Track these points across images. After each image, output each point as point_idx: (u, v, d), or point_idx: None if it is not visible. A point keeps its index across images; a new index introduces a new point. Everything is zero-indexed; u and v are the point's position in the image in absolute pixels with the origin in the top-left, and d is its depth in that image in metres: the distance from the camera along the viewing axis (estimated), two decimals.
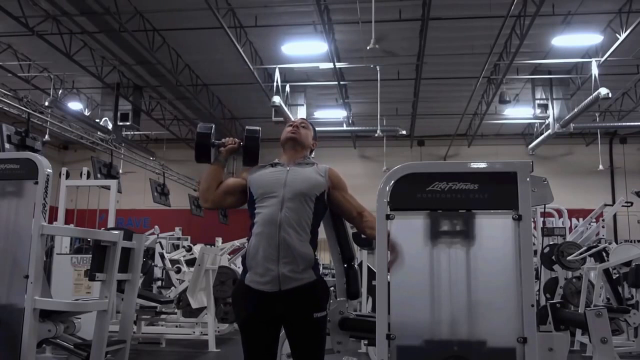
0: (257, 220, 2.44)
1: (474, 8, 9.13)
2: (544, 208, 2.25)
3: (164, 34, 10.24)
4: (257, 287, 2.38)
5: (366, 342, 4.42)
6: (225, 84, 12.60)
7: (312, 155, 2.75)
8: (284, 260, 2.36)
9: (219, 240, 9.80)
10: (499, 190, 2.00)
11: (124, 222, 13.05)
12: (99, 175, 7.35)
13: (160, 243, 8.26)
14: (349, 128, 14.40)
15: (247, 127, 2.70)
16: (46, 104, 11.47)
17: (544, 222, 8.21)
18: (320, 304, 2.46)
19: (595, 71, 10.50)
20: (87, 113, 13.30)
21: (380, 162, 14.75)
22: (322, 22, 9.02)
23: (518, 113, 14.28)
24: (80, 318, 3.29)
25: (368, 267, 5.83)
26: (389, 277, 1.97)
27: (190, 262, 7.64)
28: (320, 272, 2.60)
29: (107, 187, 6.92)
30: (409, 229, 2.02)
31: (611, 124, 14.37)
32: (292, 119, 2.76)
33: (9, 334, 2.76)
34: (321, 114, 14.18)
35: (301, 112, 12.42)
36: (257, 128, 2.67)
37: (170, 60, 10.89)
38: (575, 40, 10.43)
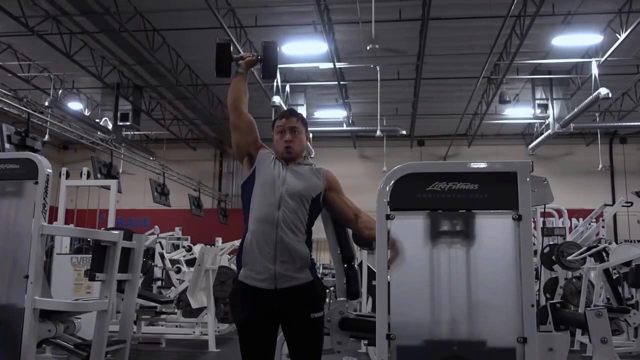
0: (252, 216, 2.43)
1: (474, 8, 9.13)
2: (544, 208, 2.25)
3: (164, 34, 10.24)
4: (253, 283, 2.37)
5: (366, 342, 4.42)
6: (225, 84, 12.36)
7: (312, 155, 2.75)
8: (281, 259, 2.36)
9: (219, 240, 9.81)
10: (499, 190, 2.00)
11: (124, 222, 13.05)
12: (99, 175, 7.36)
13: (160, 243, 8.25)
14: (349, 128, 14.40)
15: (264, 40, 2.71)
16: (46, 104, 11.48)
17: (544, 222, 8.21)
18: (318, 305, 2.46)
19: (595, 71, 10.50)
20: (87, 113, 13.30)
21: (380, 162, 14.74)
22: (322, 22, 9.02)
23: (518, 113, 14.29)
24: (80, 318, 3.29)
25: (368, 267, 5.82)
26: (389, 277, 1.97)
27: (190, 262, 7.64)
28: (318, 272, 2.59)
29: (107, 187, 6.92)
30: (409, 229, 2.02)
31: (611, 124, 14.37)
32: (280, 118, 2.69)
33: (9, 334, 2.76)
34: (321, 114, 14.18)
35: (301, 112, 12.41)
36: (274, 41, 2.67)
37: (170, 60, 10.89)
38: (575, 40, 10.43)
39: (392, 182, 2.02)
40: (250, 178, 2.52)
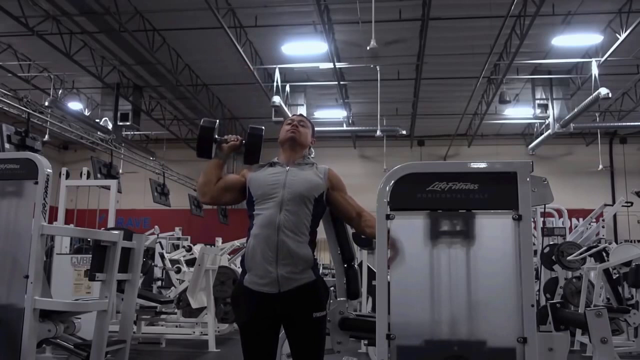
0: (255, 221, 2.43)
1: (474, 8, 9.13)
2: (544, 208, 2.25)
3: (164, 34, 10.24)
4: (257, 288, 2.38)
5: (366, 342, 4.41)
6: (225, 84, 12.60)
7: (312, 155, 2.75)
8: (282, 262, 2.35)
9: (219, 240, 9.80)
10: (499, 190, 2.00)
11: (124, 222, 13.04)
12: (99, 175, 7.35)
13: (160, 243, 8.25)
14: (349, 128, 14.40)
15: (250, 126, 2.67)
16: (46, 104, 11.48)
17: (544, 222, 8.21)
18: (320, 304, 2.46)
19: (595, 71, 10.50)
20: (87, 113, 13.30)
21: (380, 162, 14.75)
22: (322, 22, 9.02)
23: (518, 113, 14.29)
24: (80, 318, 3.29)
25: (368, 267, 5.83)
26: (389, 277, 1.97)
27: (190, 262, 7.64)
28: (320, 272, 2.59)
29: (107, 187, 6.92)
30: (409, 229, 2.01)
31: (611, 124, 14.37)
32: (290, 116, 2.73)
33: (9, 334, 2.76)
34: (321, 114, 14.19)
35: (301, 112, 12.43)
36: (261, 127, 2.65)
37: (170, 60, 10.89)
38: (575, 40, 10.43)
39: (392, 182, 2.02)
40: (249, 197, 2.52)
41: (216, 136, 2.61)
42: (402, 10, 9.26)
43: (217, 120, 2.66)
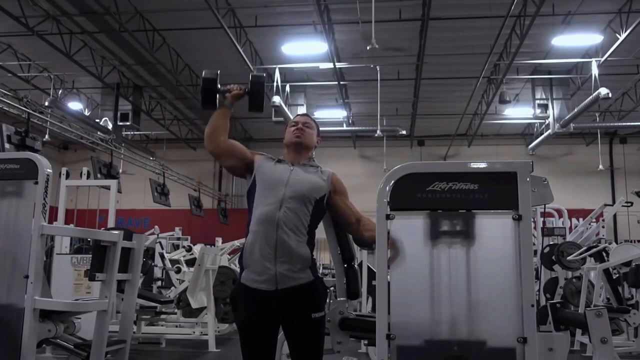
0: (254, 217, 2.43)
1: (474, 8, 9.13)
2: (544, 208, 2.24)
3: (164, 34, 10.24)
4: (254, 285, 2.37)
5: (366, 342, 4.41)
6: (226, 84, 12.57)
7: (313, 155, 2.75)
8: (281, 260, 2.35)
9: (219, 240, 9.80)
10: (499, 190, 1.99)
11: (124, 222, 13.04)
12: (98, 175, 7.36)
13: (160, 243, 8.25)
14: (349, 128, 14.40)
15: (252, 74, 2.71)
16: (46, 104, 11.48)
17: (544, 222, 8.20)
18: (319, 304, 2.46)
19: (595, 71, 10.51)
20: (87, 113, 13.30)
21: (380, 162, 14.74)
22: (322, 22, 9.02)
23: (518, 113, 14.29)
24: (80, 318, 3.29)
25: (368, 267, 5.83)
26: (389, 277, 1.97)
27: (190, 262, 7.64)
28: (319, 272, 2.59)
29: (107, 187, 6.92)
30: (409, 229, 2.01)
31: (611, 124, 14.37)
32: (295, 117, 2.74)
33: (9, 334, 2.76)
34: (321, 114, 14.18)
35: (301, 112, 12.42)
36: (263, 74, 2.68)
37: (170, 60, 10.89)
38: (575, 40, 10.43)
39: (392, 182, 2.02)
40: (252, 185, 2.51)
41: (219, 86, 2.63)
42: (402, 10, 9.26)
43: (218, 71, 2.68)
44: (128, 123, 12.96)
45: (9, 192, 2.92)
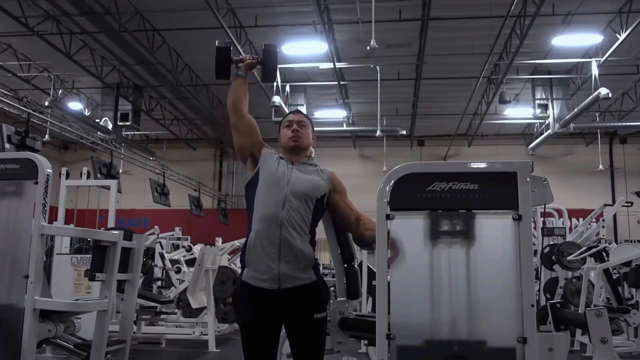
0: (256, 216, 2.42)
1: (474, 8, 9.13)
2: (544, 208, 2.24)
3: (164, 34, 10.24)
4: (256, 283, 2.37)
5: (366, 342, 4.41)
6: (226, 84, 12.49)
7: (312, 155, 2.75)
8: (285, 259, 2.35)
9: (219, 240, 9.81)
10: (499, 190, 2.00)
11: (124, 222, 13.05)
12: (98, 175, 7.36)
13: (160, 243, 8.25)
14: (349, 128, 14.40)
15: (264, 43, 2.72)
16: (46, 104, 11.48)
17: (544, 222, 8.21)
18: (321, 305, 2.46)
19: (595, 71, 10.50)
20: (87, 113, 13.30)
21: (380, 162, 14.74)
22: (322, 22, 9.02)
23: (518, 113, 14.28)
24: (80, 318, 3.29)
25: (368, 267, 5.83)
26: (389, 277, 1.97)
27: (190, 262, 7.64)
28: (320, 272, 2.59)
29: (107, 187, 6.92)
30: (409, 229, 2.01)
31: (611, 124, 14.37)
32: (287, 115, 2.73)
33: (9, 334, 2.76)
34: (321, 114, 14.18)
35: (297, 109, 12.41)
36: (274, 44, 2.69)
37: (170, 60, 10.89)
38: (575, 40, 10.43)
39: (392, 182, 2.02)
40: (254, 178, 2.51)
41: (232, 57, 2.64)
42: (402, 10, 9.26)
43: (231, 41, 2.69)
44: (128, 123, 12.96)
45: (9, 192, 2.92)
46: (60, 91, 12.53)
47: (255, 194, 2.46)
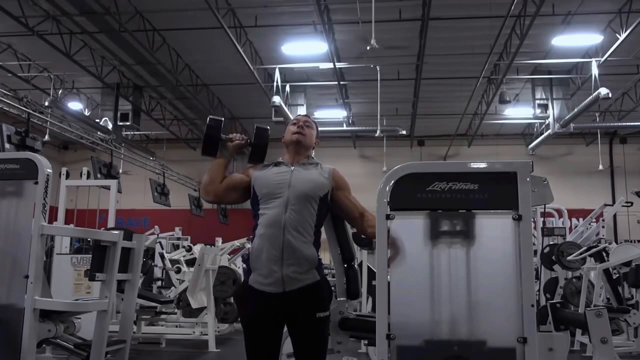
0: (260, 221, 2.43)
1: (474, 8, 9.13)
2: (544, 208, 2.24)
3: (164, 34, 10.24)
4: (261, 287, 2.38)
5: (366, 342, 4.41)
6: (225, 84, 12.60)
7: (313, 155, 2.76)
8: (288, 262, 2.36)
9: (219, 240, 9.80)
10: (499, 190, 1.99)
11: (124, 222, 13.04)
12: (98, 175, 7.35)
13: (160, 243, 8.25)
14: (349, 128, 14.40)
15: (256, 125, 2.66)
16: (46, 104, 11.48)
17: (544, 222, 8.21)
18: (324, 304, 2.47)
19: (595, 71, 10.50)
20: (87, 113, 13.30)
21: (380, 162, 14.74)
22: (322, 22, 9.02)
23: (518, 113, 14.28)
24: (80, 318, 3.29)
25: (368, 267, 5.83)
26: (389, 277, 1.97)
27: (190, 262, 7.64)
28: (323, 271, 2.59)
29: (107, 187, 6.92)
30: (409, 229, 2.01)
31: (611, 124, 14.37)
32: (295, 116, 2.74)
33: (9, 334, 2.76)
34: (321, 114, 14.18)
35: (301, 112, 12.42)
36: (267, 127, 2.65)
37: (170, 60, 10.89)
38: (575, 40, 10.43)
39: (392, 182, 2.02)
40: (254, 196, 2.53)
41: (222, 135, 2.59)
42: (402, 10, 9.26)
43: (223, 119, 2.65)
44: (128, 123, 12.96)
45: (9, 192, 2.92)
46: (60, 91, 12.53)
47: (259, 205, 2.48)
